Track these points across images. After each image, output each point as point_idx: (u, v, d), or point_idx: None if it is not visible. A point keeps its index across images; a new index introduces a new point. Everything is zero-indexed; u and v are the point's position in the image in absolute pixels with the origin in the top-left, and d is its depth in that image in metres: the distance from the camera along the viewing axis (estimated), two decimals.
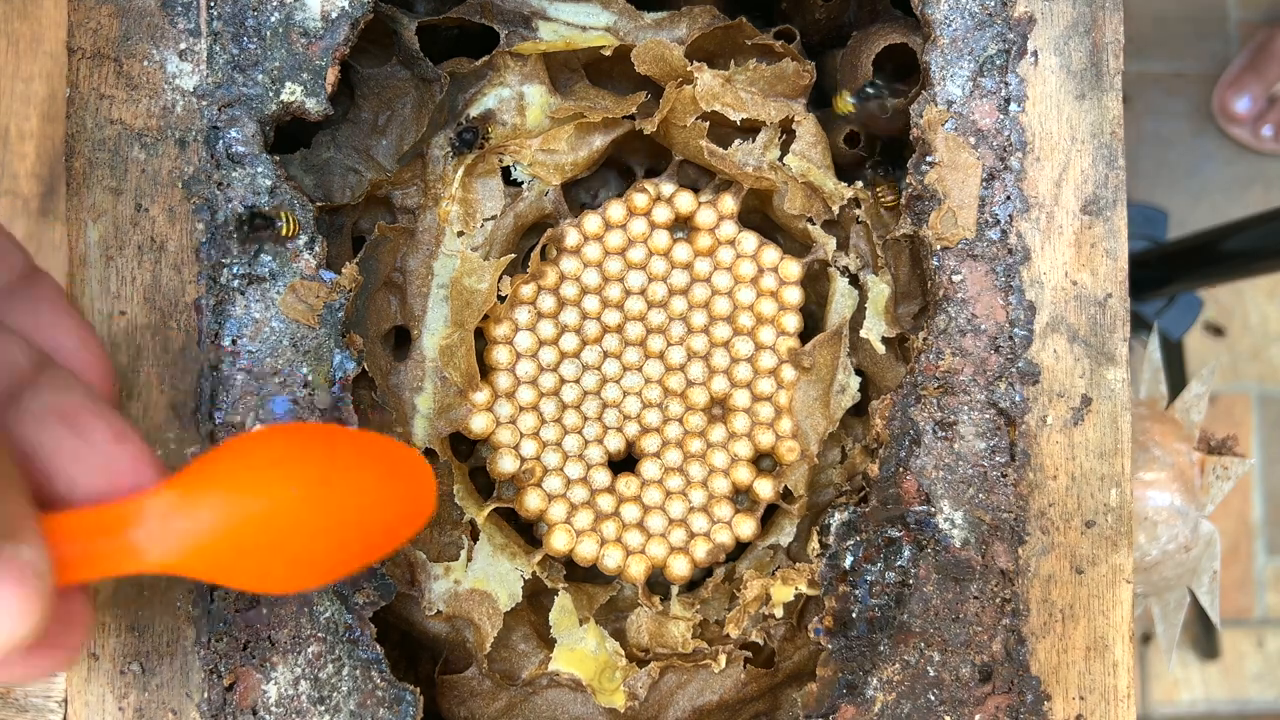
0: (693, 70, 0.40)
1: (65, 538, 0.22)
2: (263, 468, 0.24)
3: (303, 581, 0.26)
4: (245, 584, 0.25)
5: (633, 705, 0.39)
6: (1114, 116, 0.37)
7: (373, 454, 0.27)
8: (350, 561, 0.26)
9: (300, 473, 0.24)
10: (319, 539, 0.25)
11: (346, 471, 0.26)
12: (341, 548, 0.25)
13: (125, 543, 0.23)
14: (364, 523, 0.26)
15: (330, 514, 0.25)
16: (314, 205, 0.36)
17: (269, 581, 0.25)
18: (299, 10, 0.36)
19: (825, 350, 0.41)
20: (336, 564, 0.26)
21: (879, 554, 0.37)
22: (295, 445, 0.26)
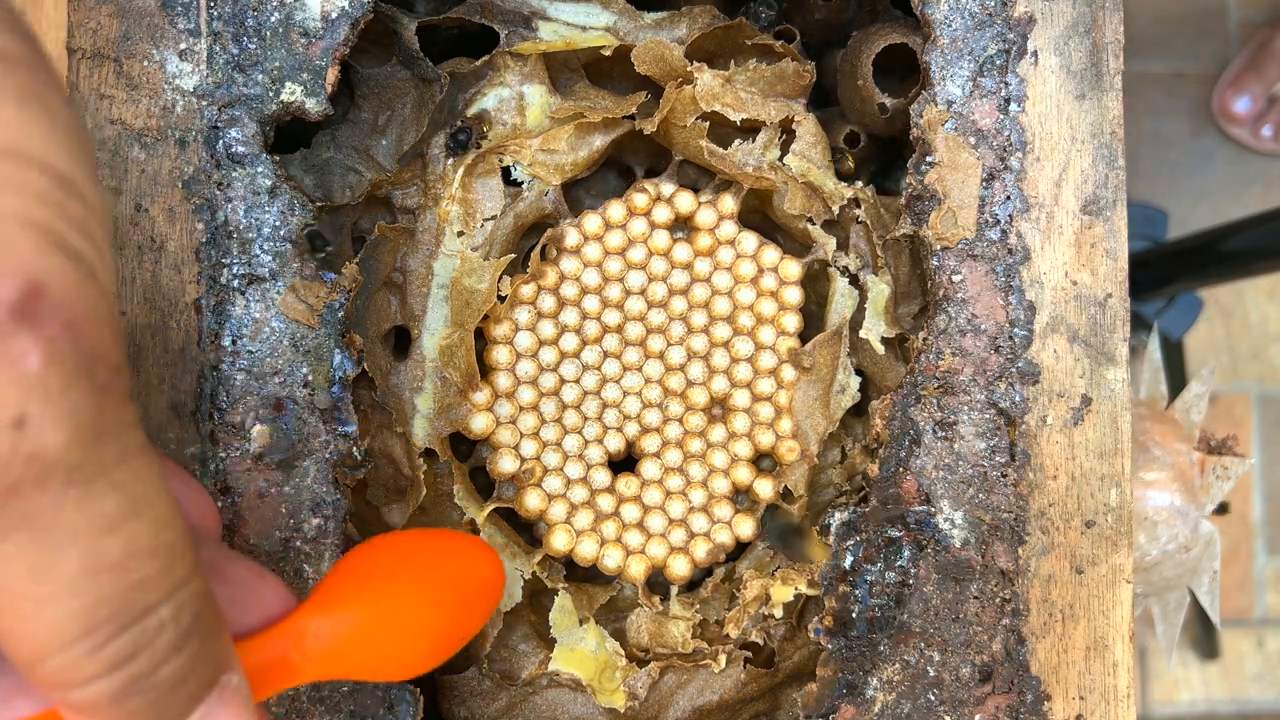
0: (693, 70, 0.40)
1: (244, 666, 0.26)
2: (384, 582, 0.29)
3: (423, 666, 0.30)
4: (379, 677, 0.29)
5: (633, 705, 0.39)
6: (1114, 116, 0.37)
7: (452, 551, 0.31)
8: (456, 642, 0.30)
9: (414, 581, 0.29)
10: (432, 632, 0.29)
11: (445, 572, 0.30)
12: (450, 634, 0.30)
13: (285, 664, 0.27)
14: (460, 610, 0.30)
15: (438, 609, 0.30)
16: (314, 205, 0.36)
17: (399, 673, 0.30)
18: (299, 10, 0.36)
19: (825, 350, 0.41)
20: (446, 647, 0.30)
21: (879, 554, 0.37)
22: (402, 556, 0.30)
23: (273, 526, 0.35)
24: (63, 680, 0.20)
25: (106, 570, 0.19)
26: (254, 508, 0.35)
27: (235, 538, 0.35)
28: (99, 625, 0.19)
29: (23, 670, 0.20)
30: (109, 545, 0.19)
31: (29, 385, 0.17)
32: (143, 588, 0.20)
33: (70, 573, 0.19)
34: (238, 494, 0.35)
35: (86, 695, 0.20)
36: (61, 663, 0.19)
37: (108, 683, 0.20)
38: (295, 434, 0.35)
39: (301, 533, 0.35)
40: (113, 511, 0.19)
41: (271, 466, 0.35)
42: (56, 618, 0.19)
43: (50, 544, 0.18)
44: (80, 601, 0.19)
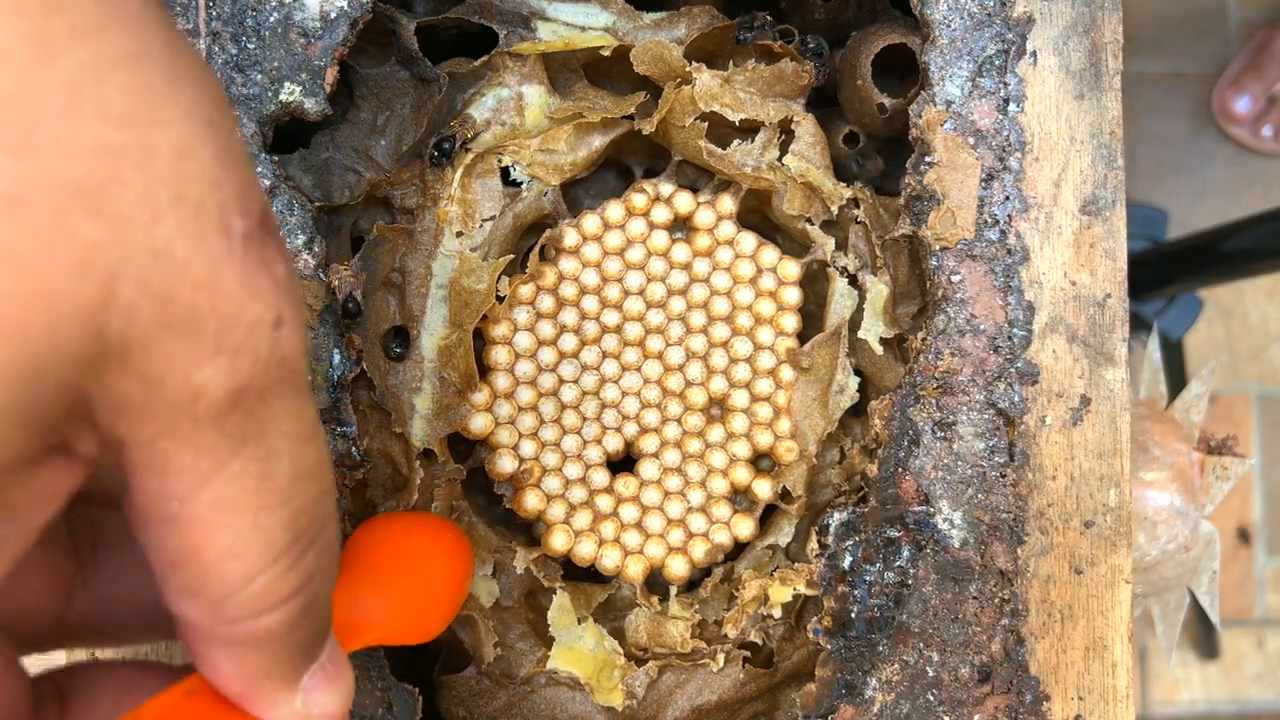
0: (691, 70, 0.40)
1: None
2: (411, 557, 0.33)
3: (443, 625, 0.34)
4: (411, 640, 0.33)
5: (631, 704, 0.39)
6: (1113, 116, 0.37)
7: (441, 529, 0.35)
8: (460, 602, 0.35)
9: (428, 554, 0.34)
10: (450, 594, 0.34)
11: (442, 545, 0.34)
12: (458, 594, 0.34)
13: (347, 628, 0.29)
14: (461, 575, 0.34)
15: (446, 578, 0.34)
16: (313, 205, 0.36)
17: (426, 634, 0.33)
18: (298, 10, 0.36)
19: (824, 350, 0.41)
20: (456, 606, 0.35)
21: (878, 554, 0.37)
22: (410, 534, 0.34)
23: None
24: (261, 604, 0.20)
25: (307, 477, 0.19)
26: None
27: None
28: (301, 535, 0.20)
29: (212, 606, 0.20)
30: (310, 452, 0.19)
31: (282, 289, 0.18)
32: (327, 497, 0.20)
33: (283, 483, 0.19)
34: None
35: (267, 623, 0.20)
36: (266, 582, 0.19)
37: (291, 606, 0.20)
38: None
39: None
40: (313, 420, 0.20)
41: None
42: (271, 529, 0.19)
43: (271, 451, 0.19)
44: (289, 509, 0.19)
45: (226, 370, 0.17)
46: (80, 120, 0.16)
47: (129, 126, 0.17)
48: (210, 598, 0.19)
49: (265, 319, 0.18)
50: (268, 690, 0.21)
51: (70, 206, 0.16)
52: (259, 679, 0.21)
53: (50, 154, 0.16)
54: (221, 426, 0.18)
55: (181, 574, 0.19)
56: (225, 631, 0.20)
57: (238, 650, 0.21)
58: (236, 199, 0.18)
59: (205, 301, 0.17)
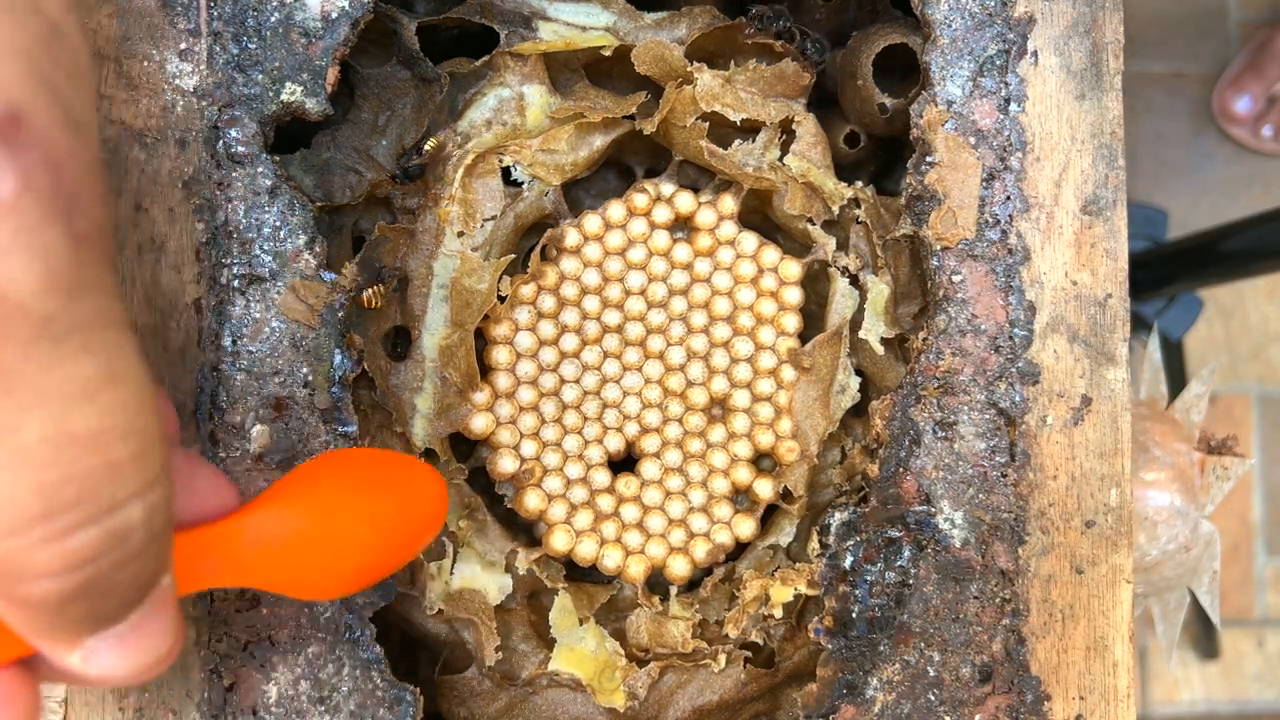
0: (692, 70, 0.40)
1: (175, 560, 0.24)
2: (327, 492, 0.28)
3: (351, 585, 0.29)
4: (305, 593, 0.29)
5: (632, 705, 0.39)
6: (1114, 116, 0.37)
7: (398, 471, 0.31)
8: (388, 565, 0.30)
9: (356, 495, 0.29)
10: (367, 549, 0.29)
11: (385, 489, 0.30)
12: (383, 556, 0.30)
13: (217, 562, 0.26)
14: (398, 531, 0.30)
15: (376, 526, 0.29)
16: (314, 205, 0.36)
17: (325, 588, 0.29)
18: (299, 10, 0.36)
19: (825, 350, 0.41)
20: (378, 568, 0.30)
21: (879, 554, 0.37)
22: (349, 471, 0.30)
23: None
24: (11, 569, 0.18)
25: (74, 444, 0.17)
26: None
27: None
28: (62, 509, 0.17)
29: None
30: (79, 415, 0.17)
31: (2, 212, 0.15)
32: (115, 474, 0.18)
33: (32, 439, 0.16)
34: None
35: (33, 591, 0.18)
36: (13, 548, 0.17)
37: (61, 582, 0.18)
38: (295, 434, 0.35)
39: None
40: (86, 377, 0.17)
41: (271, 466, 0.35)
42: (13, 490, 0.17)
43: (12, 403, 0.16)
44: (42, 475, 0.17)
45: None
46: None
47: None
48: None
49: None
50: (43, 641, 0.20)
51: None
52: (32, 634, 0.19)
53: None
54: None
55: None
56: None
57: (3, 603, 0.19)
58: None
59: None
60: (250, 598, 0.35)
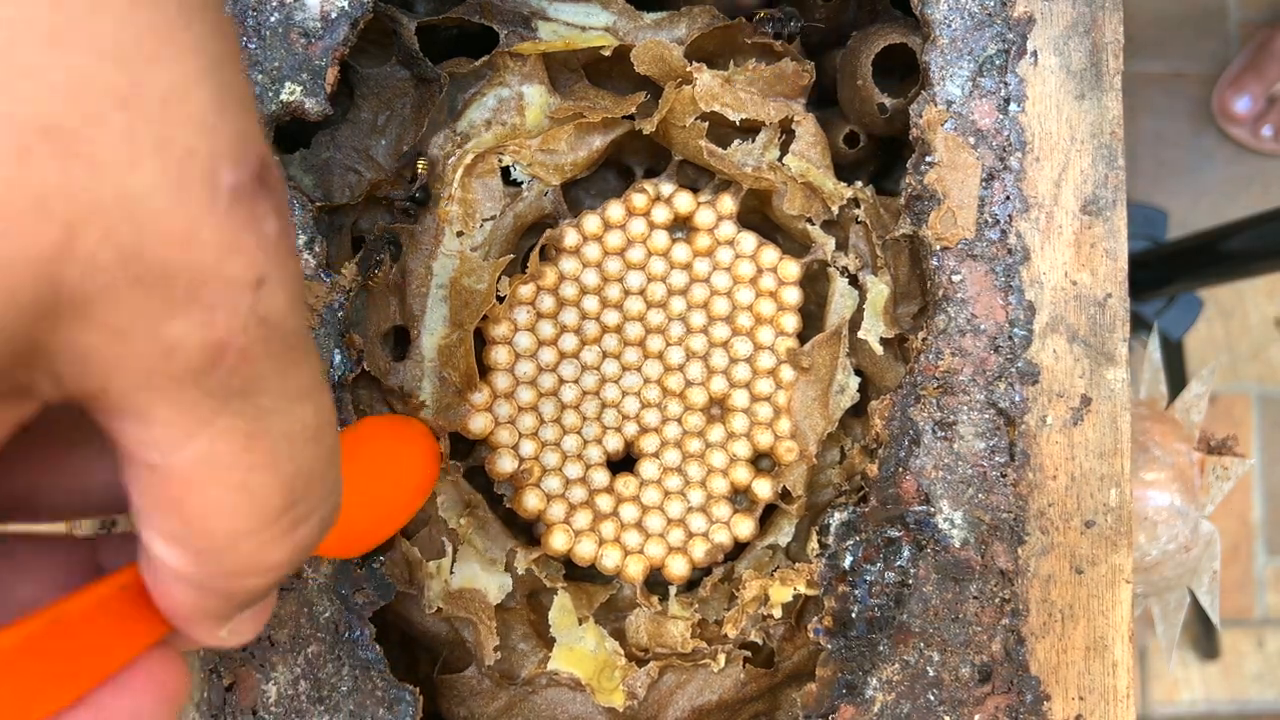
0: (692, 70, 0.40)
1: None
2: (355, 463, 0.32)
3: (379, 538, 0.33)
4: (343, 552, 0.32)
5: (632, 705, 0.39)
6: (1114, 116, 0.37)
7: (407, 432, 0.34)
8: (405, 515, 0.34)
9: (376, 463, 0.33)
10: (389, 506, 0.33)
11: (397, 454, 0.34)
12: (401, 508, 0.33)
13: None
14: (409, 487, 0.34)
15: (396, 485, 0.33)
16: (314, 205, 0.36)
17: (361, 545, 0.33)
18: (298, 10, 0.36)
19: (824, 350, 0.41)
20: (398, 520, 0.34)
21: (878, 554, 0.37)
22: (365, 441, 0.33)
23: None
24: (245, 567, 0.19)
25: (304, 439, 0.19)
26: None
27: None
28: (297, 502, 0.19)
29: (194, 559, 0.19)
30: (305, 412, 0.19)
31: (269, 248, 0.17)
32: (328, 462, 0.20)
33: (276, 442, 0.18)
34: None
35: (253, 585, 0.19)
36: (255, 547, 0.19)
37: (279, 574, 0.19)
38: None
39: None
40: (309, 379, 0.19)
41: None
42: (265, 488, 0.18)
43: (261, 410, 0.18)
44: (284, 472, 0.18)
45: (200, 326, 0.16)
46: (65, 50, 0.15)
47: (119, 61, 0.15)
48: (190, 548, 0.19)
49: (245, 278, 0.17)
50: (205, 624, 0.21)
51: (37, 144, 0.15)
52: (202, 617, 0.20)
53: (25, 86, 0.15)
54: (202, 384, 0.17)
55: (162, 519, 0.18)
56: (196, 579, 0.19)
57: (199, 594, 0.20)
58: (229, 148, 0.17)
59: (177, 256, 0.16)
60: None
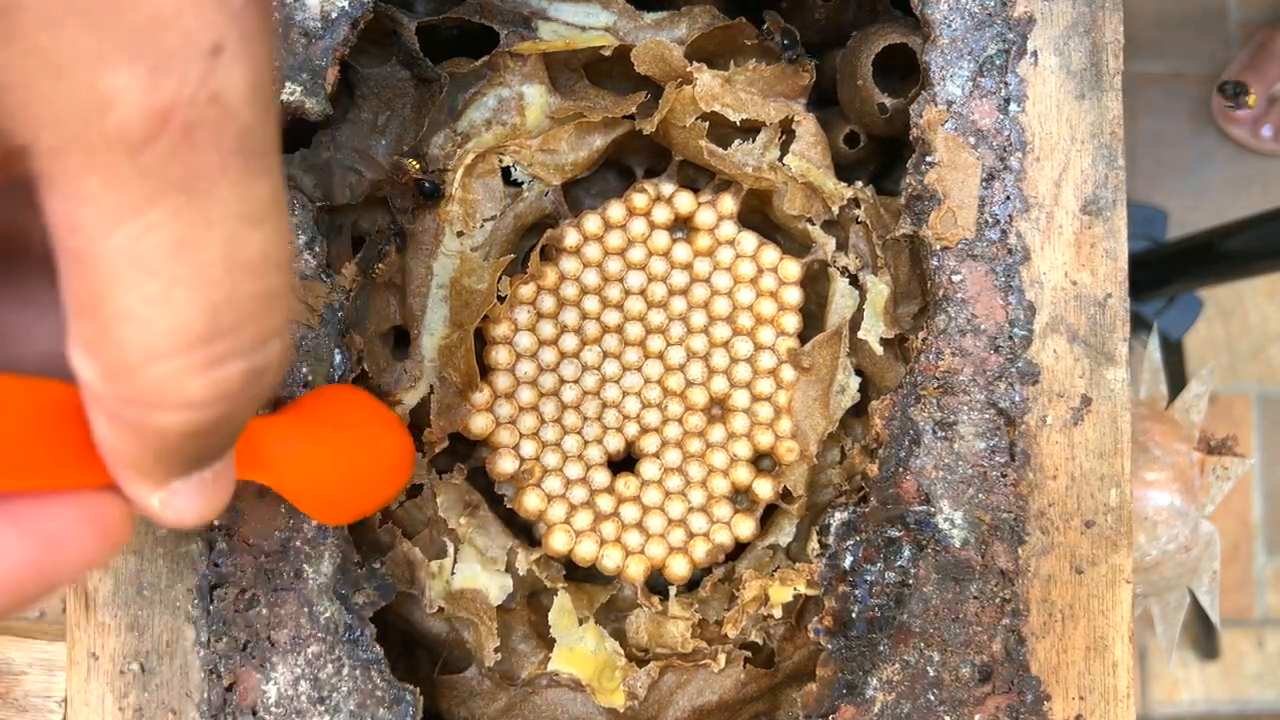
0: (692, 70, 0.40)
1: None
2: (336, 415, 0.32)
3: (356, 510, 0.33)
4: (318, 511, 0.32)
5: (632, 705, 0.39)
6: (1114, 116, 0.37)
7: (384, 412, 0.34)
8: (384, 497, 0.34)
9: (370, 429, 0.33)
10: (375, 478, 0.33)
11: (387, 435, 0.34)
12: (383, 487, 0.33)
13: (257, 455, 0.28)
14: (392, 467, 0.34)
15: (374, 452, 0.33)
16: (314, 205, 0.36)
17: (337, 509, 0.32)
18: (299, 10, 0.36)
19: (825, 350, 0.41)
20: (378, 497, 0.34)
21: (879, 554, 0.37)
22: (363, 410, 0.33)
23: (272, 527, 0.35)
24: (155, 393, 0.17)
25: (244, 267, 0.17)
26: (254, 508, 0.35)
27: (235, 538, 0.35)
28: (223, 334, 0.17)
29: (106, 373, 0.17)
30: (251, 237, 0.17)
31: (231, 14, 0.16)
32: (268, 305, 0.17)
33: (209, 259, 0.16)
34: (238, 494, 0.35)
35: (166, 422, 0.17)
36: (168, 370, 0.17)
37: (196, 415, 0.18)
38: None
39: (301, 532, 0.35)
40: (261, 199, 0.17)
41: None
42: (186, 308, 0.16)
43: (201, 217, 0.16)
44: (213, 295, 0.16)
45: (142, 82, 0.15)
46: None
47: None
48: (105, 362, 0.17)
49: (200, 39, 0.15)
50: (130, 476, 0.19)
51: None
52: (127, 465, 0.19)
53: None
54: (138, 158, 0.15)
55: (80, 323, 0.17)
56: (111, 404, 0.17)
57: (118, 429, 0.18)
58: None
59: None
60: (250, 597, 0.35)
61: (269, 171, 0.17)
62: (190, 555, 0.35)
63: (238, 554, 0.35)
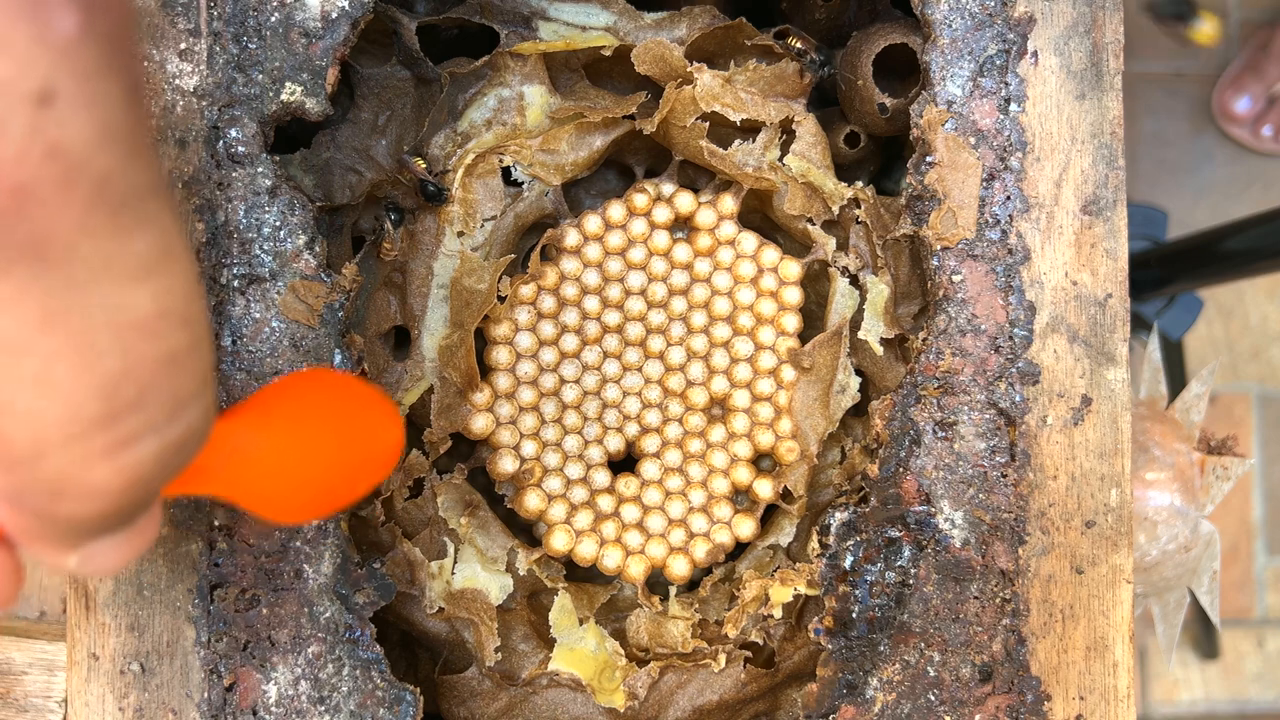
0: (692, 71, 0.40)
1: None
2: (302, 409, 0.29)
3: (318, 508, 0.31)
4: (274, 512, 0.29)
5: (633, 705, 0.39)
6: (1114, 116, 0.37)
7: (362, 399, 0.32)
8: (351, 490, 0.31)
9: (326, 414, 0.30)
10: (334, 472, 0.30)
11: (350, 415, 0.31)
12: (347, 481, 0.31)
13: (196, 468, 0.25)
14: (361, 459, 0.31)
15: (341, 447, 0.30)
16: (314, 205, 0.36)
17: (297, 508, 0.30)
18: (299, 10, 0.36)
19: (825, 350, 0.41)
20: (342, 493, 0.31)
21: (879, 554, 0.37)
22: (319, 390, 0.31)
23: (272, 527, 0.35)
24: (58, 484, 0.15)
25: (134, 330, 0.14)
26: None
27: (235, 538, 0.35)
28: (124, 411, 0.15)
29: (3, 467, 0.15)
30: (137, 296, 0.14)
31: (60, 52, 0.13)
32: (175, 369, 0.15)
33: (89, 324, 0.14)
34: None
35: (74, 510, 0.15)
36: (69, 460, 0.15)
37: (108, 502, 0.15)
38: None
39: (301, 533, 0.35)
40: (142, 253, 0.14)
41: None
42: (73, 386, 0.14)
43: (66, 281, 0.14)
44: (103, 367, 0.14)
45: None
46: None
47: None
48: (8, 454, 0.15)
49: (18, 87, 0.13)
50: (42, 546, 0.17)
51: None
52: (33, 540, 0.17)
53: None
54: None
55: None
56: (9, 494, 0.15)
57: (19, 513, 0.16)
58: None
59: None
60: (250, 597, 0.35)
61: (149, 220, 0.15)
62: (190, 555, 0.35)
63: (238, 554, 0.35)
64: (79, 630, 0.35)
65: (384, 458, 0.31)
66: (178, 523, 0.35)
